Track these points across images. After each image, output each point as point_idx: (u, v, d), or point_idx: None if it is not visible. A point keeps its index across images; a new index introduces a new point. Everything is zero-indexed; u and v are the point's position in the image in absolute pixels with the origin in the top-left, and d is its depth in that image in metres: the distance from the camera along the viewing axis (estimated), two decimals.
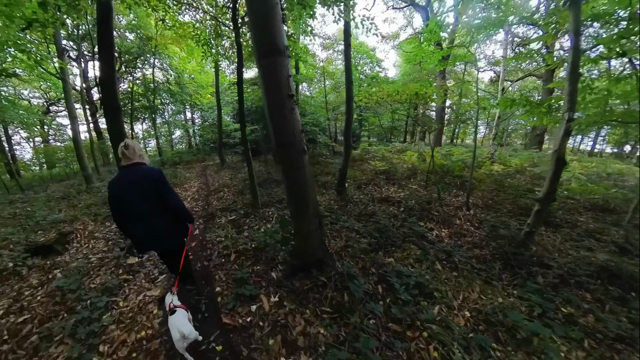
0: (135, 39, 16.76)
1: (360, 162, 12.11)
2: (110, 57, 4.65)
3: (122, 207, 2.65)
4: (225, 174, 11.57)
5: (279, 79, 2.81)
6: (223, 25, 7.31)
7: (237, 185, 8.99)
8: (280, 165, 3.29)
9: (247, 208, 6.47)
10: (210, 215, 6.39)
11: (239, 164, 13.99)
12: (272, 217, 5.86)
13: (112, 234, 5.61)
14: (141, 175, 2.62)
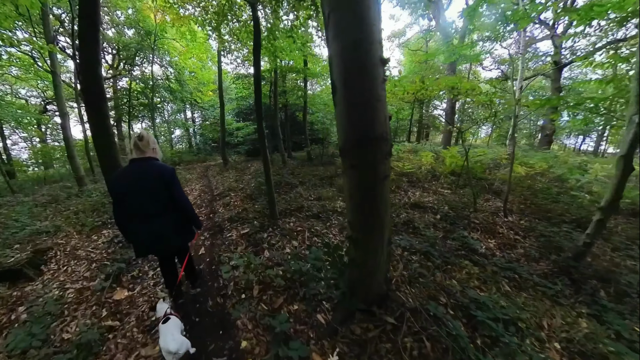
0: (134, 34, 15.51)
1: None
2: (94, 27, 3.52)
3: (125, 204, 2.37)
4: (230, 176, 10.38)
5: (365, 28, 1.78)
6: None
7: (245, 189, 7.82)
8: (353, 172, 2.20)
9: (262, 218, 5.32)
10: (217, 227, 5.24)
11: (243, 164, 12.81)
12: (296, 232, 4.70)
13: (98, 252, 4.44)
14: (152, 172, 2.35)
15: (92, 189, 8.94)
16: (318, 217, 5.40)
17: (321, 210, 5.66)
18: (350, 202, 2.35)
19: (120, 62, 17.60)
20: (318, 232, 4.71)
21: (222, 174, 11.10)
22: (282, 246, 4.21)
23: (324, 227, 4.94)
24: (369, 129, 1.95)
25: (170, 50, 15.58)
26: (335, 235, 4.65)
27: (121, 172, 2.40)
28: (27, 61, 13.42)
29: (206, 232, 5.04)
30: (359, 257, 2.48)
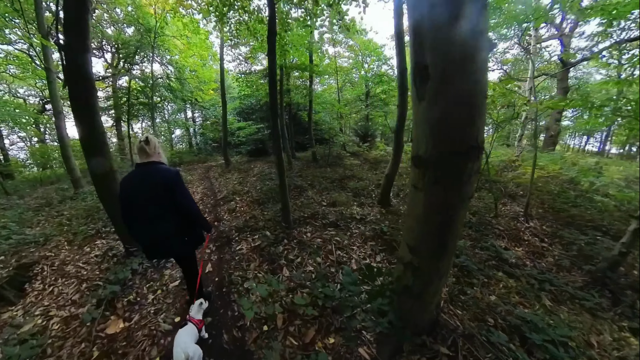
0: (134, 32, 14.82)
1: (385, 164, 10.41)
2: (82, 5, 2.90)
3: (131, 208, 2.30)
4: (233, 177, 9.75)
5: None
6: None
7: (250, 192, 7.19)
8: (437, 190, 1.71)
9: (274, 227, 4.71)
10: (224, 238, 4.62)
11: (246, 165, 12.14)
12: (316, 245, 4.09)
13: (89, 269, 3.82)
14: (157, 175, 2.26)
15: (88, 192, 8.28)
16: (336, 226, 4.82)
17: (339, 218, 5.09)
18: (420, 224, 1.81)
19: (119, 61, 16.89)
20: (340, 244, 4.13)
21: (225, 175, 10.46)
22: (303, 262, 3.62)
23: (345, 237, 4.36)
24: (468, 135, 1.48)
25: (171, 47, 14.87)
26: (359, 248, 4.06)
27: (127, 176, 2.35)
28: (25, 59, 12.92)
29: (212, 243, 4.42)
30: (417, 286, 2.03)
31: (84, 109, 3.15)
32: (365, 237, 4.41)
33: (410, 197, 1.91)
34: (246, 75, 12.15)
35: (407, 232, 2.02)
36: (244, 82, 11.53)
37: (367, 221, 5.05)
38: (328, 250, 3.90)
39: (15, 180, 13.97)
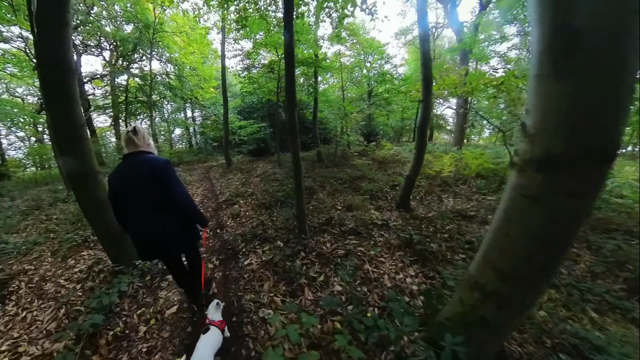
0: (133, 29, 14.17)
1: (394, 164, 9.82)
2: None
3: (122, 203, 2.10)
4: (235, 178, 9.11)
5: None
6: None
7: (255, 195, 6.57)
8: (568, 203, 1.21)
9: (287, 236, 4.09)
10: (229, 249, 3.97)
11: (248, 164, 11.52)
12: (337, 256, 3.48)
13: (71, 288, 3.18)
14: (144, 166, 2.02)
15: None
16: (357, 234, 4.20)
17: (358, 224, 4.47)
18: (528, 245, 1.36)
19: (118, 59, 16.23)
20: (365, 255, 3.52)
21: (226, 176, 9.82)
22: (328, 281, 2.99)
23: (369, 247, 3.74)
24: (617, 133, 1.11)
25: (170, 44, 14.21)
26: (388, 260, 3.45)
27: (116, 169, 2.12)
28: (22, 57, 12.30)
29: (214, 256, 3.79)
30: (499, 319, 1.62)
31: (60, 98, 2.53)
32: (391, 246, 3.81)
33: (513, 211, 1.35)
34: (250, 70, 11.46)
35: (500, 254, 1.46)
36: (246, 79, 10.88)
37: (390, 227, 4.47)
38: (355, 264, 3.27)
39: (11, 181, 13.40)
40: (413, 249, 3.64)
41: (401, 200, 5.52)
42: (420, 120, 5.06)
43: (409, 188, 5.46)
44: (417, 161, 5.20)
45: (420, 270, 3.26)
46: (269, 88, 11.35)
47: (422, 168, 8.15)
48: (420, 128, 5.12)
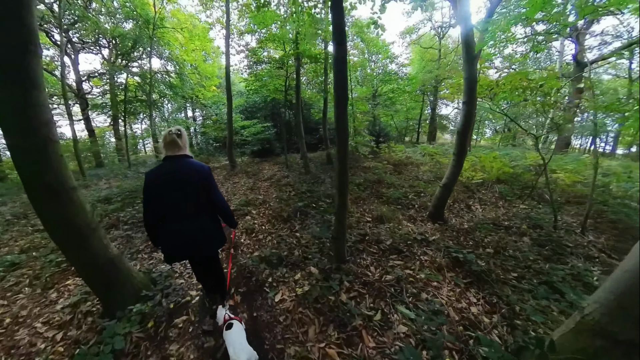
0: (133, 26, 13.28)
1: (407, 166, 9.08)
2: None
3: (160, 205, 2.03)
4: (241, 182, 8.27)
5: None
6: None
7: (268, 203, 5.77)
8: None
9: (319, 258, 3.32)
10: (250, 278, 3.15)
11: (253, 166, 10.69)
12: (387, 285, 2.74)
13: (50, 336, 2.36)
14: (190, 170, 2.03)
15: None
16: (399, 252, 3.50)
17: (396, 240, 3.78)
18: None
19: (117, 57, 15.31)
20: (414, 278, 2.89)
21: (231, 179, 8.97)
22: (387, 320, 2.27)
23: (415, 267, 3.09)
24: None
25: (171, 41, 13.32)
26: (446, 288, 2.75)
27: (156, 170, 2.03)
28: None
29: (234, 288, 2.99)
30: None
31: (12, 79, 1.71)
32: (440, 266, 3.18)
33: None
34: (254, 67, 10.61)
35: None
36: (252, 76, 10.08)
37: (430, 242, 3.78)
38: (412, 293, 2.58)
39: (5, 183, 12.46)
40: (462, 268, 3.13)
41: (435, 210, 4.87)
42: (461, 124, 4.39)
43: (444, 198, 4.81)
44: (456, 168, 4.57)
45: (483, 296, 2.68)
46: (275, 86, 10.55)
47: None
48: (461, 133, 4.45)
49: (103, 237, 2.38)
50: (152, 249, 3.90)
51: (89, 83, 16.45)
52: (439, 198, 4.78)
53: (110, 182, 9.58)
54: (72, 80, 15.25)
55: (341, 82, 2.66)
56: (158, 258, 3.66)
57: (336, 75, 2.67)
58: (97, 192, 7.23)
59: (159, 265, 3.47)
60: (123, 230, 4.48)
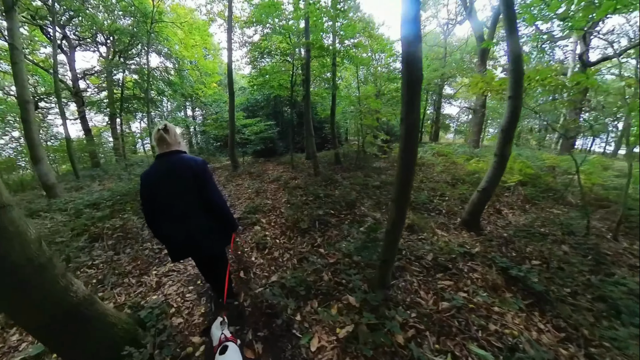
0: (132, 22, 12.43)
1: (427, 167, 8.32)
2: None
3: (156, 204, 1.88)
4: (245, 184, 7.46)
5: None
6: None
7: (278, 209, 4.98)
8: None
9: (353, 281, 2.54)
10: (269, 314, 2.35)
11: (257, 167, 9.87)
12: (447, 316, 2.04)
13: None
14: (182, 166, 1.85)
15: (63, 203, 5.95)
16: (445, 269, 2.89)
17: (437, 253, 3.15)
18: None
19: (115, 55, 14.42)
20: (473, 302, 2.36)
21: (234, 181, 8.14)
22: None
23: (471, 290, 2.53)
24: None
25: (170, 36, 12.46)
26: (510, 313, 2.25)
27: (149, 169, 1.90)
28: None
29: (249, 330, 2.18)
30: None
31: None
32: (493, 284, 2.63)
33: None
34: (257, 60, 9.79)
35: None
36: (257, 71, 9.27)
37: (474, 255, 3.15)
38: (479, 325, 2.05)
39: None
40: (517, 286, 2.65)
41: (470, 217, 4.20)
42: (506, 122, 3.73)
43: (482, 204, 4.16)
44: (498, 171, 3.91)
45: (542, 317, 2.28)
46: (280, 82, 9.74)
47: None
48: (506, 131, 3.78)
49: (61, 275, 1.58)
50: (141, 270, 3.10)
51: (85, 81, 15.59)
52: (475, 204, 4.13)
53: (104, 184, 8.76)
54: (69, 78, 14.42)
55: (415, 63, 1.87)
56: (149, 284, 2.86)
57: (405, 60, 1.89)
58: (87, 195, 6.40)
59: (150, 295, 2.67)
60: (107, 245, 3.66)
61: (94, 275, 3.03)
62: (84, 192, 7.29)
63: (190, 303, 2.58)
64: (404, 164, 2.11)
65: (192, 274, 3.06)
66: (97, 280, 2.93)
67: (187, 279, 2.97)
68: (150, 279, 2.93)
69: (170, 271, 3.12)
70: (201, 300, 2.63)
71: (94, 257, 3.41)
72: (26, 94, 6.55)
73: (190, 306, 2.53)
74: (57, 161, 15.00)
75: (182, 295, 2.68)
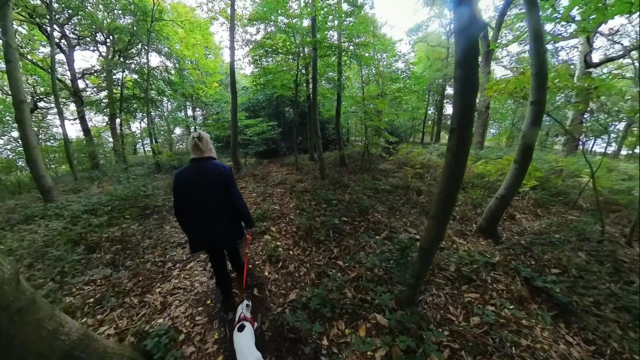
0: (132, 20, 12.04)
1: (427, 169, 8.02)
2: None
3: (185, 201, 2.14)
4: (249, 187, 7.13)
5: None
6: None
7: (287, 216, 4.66)
8: None
9: (382, 301, 2.25)
10: (293, 340, 2.06)
11: (261, 169, 9.54)
12: (479, 332, 1.94)
13: None
14: (212, 172, 2.12)
15: (59, 208, 5.61)
16: (469, 281, 2.71)
17: (459, 264, 2.94)
18: None
19: (114, 54, 14.02)
20: (505, 318, 2.20)
21: (237, 183, 7.73)
22: None
23: (498, 302, 2.39)
24: None
25: (171, 34, 12.08)
26: (537, 326, 2.13)
27: (183, 170, 2.15)
28: None
29: (271, 358, 1.90)
30: None
31: None
32: (519, 296, 2.48)
33: None
34: (260, 59, 9.44)
35: None
36: (261, 70, 8.94)
37: (495, 265, 2.97)
38: (512, 341, 1.99)
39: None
40: (541, 297, 2.52)
41: (487, 224, 4.00)
42: (528, 126, 3.52)
43: (500, 211, 3.96)
44: (518, 178, 3.72)
45: (568, 329, 2.16)
46: (283, 82, 9.43)
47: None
48: (527, 136, 3.58)
49: (47, 317, 1.27)
50: (143, 288, 2.78)
51: (84, 81, 15.19)
52: (493, 211, 3.94)
53: (102, 186, 8.41)
54: (68, 78, 14.05)
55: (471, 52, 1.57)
56: (153, 304, 2.54)
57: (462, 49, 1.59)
58: (86, 199, 6.05)
59: (155, 319, 2.35)
60: (105, 260, 3.31)
61: (91, 293, 2.71)
62: (82, 196, 6.95)
63: (201, 327, 2.27)
64: (450, 178, 1.85)
65: (200, 291, 2.75)
66: (95, 300, 2.60)
67: (195, 297, 2.66)
68: (154, 298, 2.61)
69: (176, 289, 2.80)
70: (213, 323, 2.32)
71: (90, 269, 3.09)
72: (21, 93, 6.18)
73: (202, 331, 2.22)
74: (55, 162, 14.59)
75: (191, 318, 2.36)
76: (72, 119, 16.99)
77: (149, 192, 6.27)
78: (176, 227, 4.46)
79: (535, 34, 3.32)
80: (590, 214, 4.75)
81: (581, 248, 3.44)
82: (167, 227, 4.44)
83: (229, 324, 2.28)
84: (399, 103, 15.15)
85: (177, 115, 17.99)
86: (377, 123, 7.39)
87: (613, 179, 6.40)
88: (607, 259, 3.13)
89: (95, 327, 2.27)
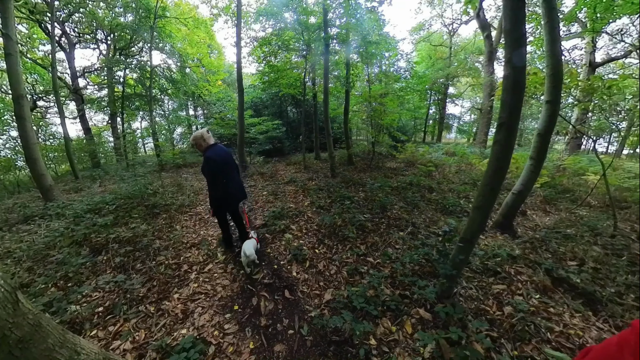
0: (134, 17, 11.65)
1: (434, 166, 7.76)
2: None
3: (224, 172, 2.98)
4: (259, 186, 6.77)
5: None
6: None
7: (303, 213, 4.33)
8: None
9: (421, 295, 2.16)
10: (338, 345, 1.80)
11: (268, 168, 9.18)
12: (517, 323, 2.05)
13: None
14: (227, 151, 3.13)
15: (60, 207, 5.23)
16: (495, 274, 2.79)
17: (482, 258, 2.93)
18: None
19: (115, 52, 13.61)
20: (538, 309, 2.22)
21: (245, 182, 7.40)
22: None
23: (528, 296, 2.40)
24: None
25: (174, 32, 11.70)
26: (566, 313, 2.17)
27: (213, 153, 2.93)
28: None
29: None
30: None
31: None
32: (543, 286, 2.52)
33: None
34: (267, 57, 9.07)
35: None
36: (266, 67, 8.61)
37: (516, 258, 3.00)
38: (546, 327, 2.00)
39: None
40: (563, 287, 2.54)
41: (504, 219, 3.99)
42: (544, 126, 3.58)
43: (516, 206, 3.98)
44: (533, 174, 3.78)
45: (596, 316, 2.17)
46: (289, 80, 9.10)
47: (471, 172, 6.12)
48: (543, 134, 3.62)
49: (58, 345, 0.93)
50: (159, 294, 2.43)
51: (85, 79, 14.75)
52: (510, 206, 3.95)
53: (105, 185, 8.02)
54: (68, 76, 13.61)
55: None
56: (173, 313, 2.20)
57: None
58: (88, 198, 5.68)
59: (178, 329, 2.02)
60: (114, 263, 2.96)
61: (100, 301, 2.36)
62: (84, 194, 6.57)
63: (233, 337, 1.94)
64: (498, 169, 2.00)
65: (225, 296, 2.42)
66: (105, 309, 2.26)
67: (219, 303, 2.33)
68: (173, 306, 2.27)
69: (196, 294, 2.46)
70: (246, 331, 2.01)
71: (97, 273, 2.75)
72: (20, 87, 5.80)
73: (234, 341, 1.90)
74: (55, 161, 14.12)
75: (219, 327, 2.04)
76: (71, 118, 16.52)
77: (157, 190, 5.91)
78: (188, 227, 4.13)
79: (552, 37, 3.35)
80: (600, 210, 4.72)
81: (595, 242, 3.41)
82: (177, 227, 4.09)
83: (264, 331, 2.02)
84: (401, 102, 14.90)
85: (179, 114, 17.52)
86: (387, 121, 7.09)
87: (620, 177, 6.20)
88: (624, 253, 3.10)
89: (107, 341, 1.93)
